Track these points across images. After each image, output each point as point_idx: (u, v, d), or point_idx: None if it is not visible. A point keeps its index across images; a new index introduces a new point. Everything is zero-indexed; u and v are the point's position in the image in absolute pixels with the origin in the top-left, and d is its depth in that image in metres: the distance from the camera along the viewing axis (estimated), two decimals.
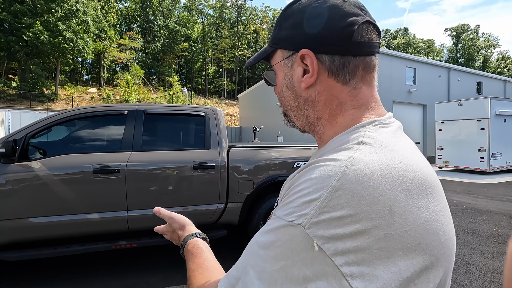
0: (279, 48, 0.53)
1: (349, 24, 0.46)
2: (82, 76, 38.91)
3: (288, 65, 0.51)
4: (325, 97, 0.49)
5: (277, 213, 0.41)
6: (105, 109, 3.08)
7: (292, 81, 0.51)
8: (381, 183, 0.36)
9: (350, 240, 0.34)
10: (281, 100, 0.56)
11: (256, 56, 0.60)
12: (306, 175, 0.40)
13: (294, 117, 0.54)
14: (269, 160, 3.33)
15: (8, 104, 21.63)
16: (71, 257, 3.35)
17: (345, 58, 0.46)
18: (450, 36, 58.89)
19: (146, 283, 2.76)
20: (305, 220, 0.36)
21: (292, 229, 0.37)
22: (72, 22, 24.31)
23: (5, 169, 2.58)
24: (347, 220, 0.35)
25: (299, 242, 0.36)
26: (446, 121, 12.34)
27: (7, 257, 2.59)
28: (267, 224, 0.42)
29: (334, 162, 0.39)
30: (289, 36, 0.50)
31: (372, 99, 0.49)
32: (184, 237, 0.69)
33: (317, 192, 0.37)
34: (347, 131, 0.46)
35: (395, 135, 0.45)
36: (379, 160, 0.39)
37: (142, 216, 2.88)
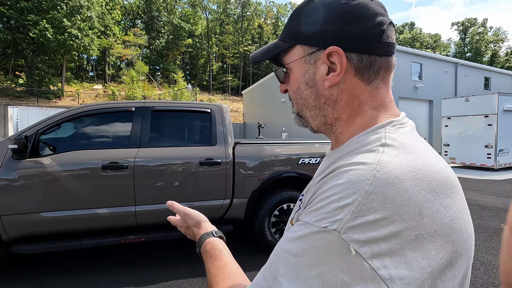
0: (299, 43, 0.50)
1: (379, 24, 0.46)
2: (88, 72, 39.19)
3: (311, 62, 0.49)
4: (347, 97, 0.48)
5: (306, 219, 0.40)
6: (113, 106, 3.13)
7: (315, 79, 0.49)
8: (410, 185, 0.37)
9: (385, 243, 0.34)
10: (296, 99, 0.53)
11: (265, 51, 0.55)
12: (334, 180, 0.40)
13: (311, 116, 0.52)
14: (274, 157, 3.35)
15: (16, 101, 21.91)
16: (82, 250, 3.43)
17: (372, 57, 0.46)
18: (457, 31, 57.88)
19: (154, 276, 2.83)
20: (340, 225, 0.36)
21: (326, 235, 0.36)
22: (77, 18, 24.42)
23: (17, 165, 2.65)
24: (381, 223, 0.35)
25: (335, 248, 0.35)
26: (452, 117, 12.20)
27: (20, 250, 2.67)
28: (293, 231, 0.41)
29: (362, 166, 0.39)
30: (314, 32, 0.47)
31: (389, 99, 0.49)
32: (201, 236, 0.67)
33: (350, 197, 0.36)
34: (366, 132, 0.46)
35: (412, 135, 0.46)
36: (406, 162, 0.39)
37: (149, 211, 2.94)
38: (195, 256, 3.28)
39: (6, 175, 2.61)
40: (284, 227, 3.37)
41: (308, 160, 3.43)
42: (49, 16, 23.26)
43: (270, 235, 3.31)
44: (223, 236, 0.69)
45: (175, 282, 2.72)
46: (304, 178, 3.40)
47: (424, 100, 16.60)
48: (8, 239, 2.65)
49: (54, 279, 2.77)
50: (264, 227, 3.28)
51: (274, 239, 3.31)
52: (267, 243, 3.30)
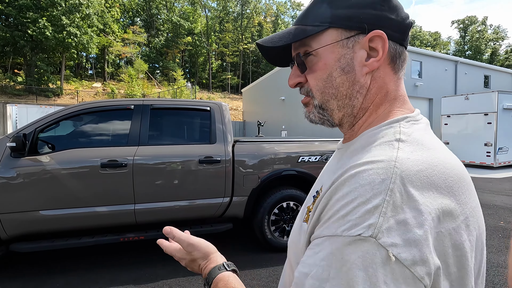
0: (334, 27, 0.46)
1: (407, 16, 0.47)
2: (87, 70, 39.08)
3: (348, 46, 0.46)
4: (378, 85, 0.47)
5: (328, 231, 0.36)
6: (112, 104, 3.11)
7: (353, 64, 0.46)
8: (428, 182, 0.36)
9: (424, 245, 0.33)
10: (324, 88, 0.48)
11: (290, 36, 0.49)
12: (354, 182, 0.37)
13: (337, 107, 0.49)
14: (274, 155, 3.35)
15: (15, 99, 21.85)
16: (81, 249, 3.42)
17: (401, 48, 0.47)
18: (457, 29, 57.80)
19: (154, 274, 2.83)
20: (375, 230, 0.33)
21: (362, 244, 0.33)
22: (76, 16, 24.32)
23: (16, 163, 2.64)
24: (413, 223, 0.33)
25: (374, 257, 0.32)
26: (452, 115, 12.20)
27: (19, 248, 2.66)
28: (316, 251, 0.37)
29: (380, 164, 0.37)
30: (355, 15, 0.45)
31: (404, 92, 0.50)
32: (210, 270, 0.57)
33: (377, 198, 0.34)
34: (380, 126, 0.45)
35: (426, 132, 0.45)
36: (422, 159, 0.38)
37: (149, 210, 2.94)
38: None
39: (5, 173, 2.60)
40: (283, 225, 3.37)
41: (307, 158, 3.42)
42: (48, 13, 23.15)
43: (270, 233, 3.31)
44: (236, 269, 0.59)
45: (175, 280, 2.72)
46: (304, 177, 3.40)
47: (424, 98, 16.58)
48: (7, 237, 2.65)
49: (54, 277, 2.77)
50: (263, 225, 3.28)
51: (273, 237, 3.31)
52: (267, 241, 3.29)
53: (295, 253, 0.48)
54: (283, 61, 0.57)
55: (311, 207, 0.49)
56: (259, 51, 0.56)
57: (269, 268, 2.96)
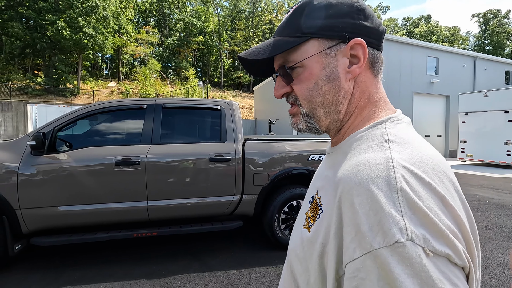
0: (316, 37, 0.48)
1: (380, 23, 0.50)
2: (102, 70, 40.04)
3: (331, 55, 0.48)
4: (361, 89, 0.50)
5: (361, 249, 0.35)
6: (126, 103, 3.20)
7: (337, 72, 0.48)
8: (424, 176, 0.38)
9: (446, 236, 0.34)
10: (311, 97, 0.50)
11: (271, 48, 0.49)
12: (360, 192, 0.37)
13: (324, 115, 0.50)
14: (284, 153, 3.35)
15: (35, 99, 22.66)
16: (97, 244, 3.54)
17: (378, 52, 0.50)
18: (477, 23, 55.64)
19: (166, 270, 2.89)
20: (407, 231, 0.33)
21: (403, 250, 0.33)
22: (92, 18, 24.95)
23: (36, 161, 2.76)
24: (429, 215, 0.35)
25: (420, 260, 0.32)
26: (470, 112, 11.80)
27: (39, 242, 2.79)
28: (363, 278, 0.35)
29: (379, 167, 0.38)
30: (334, 25, 0.48)
31: (384, 93, 0.52)
32: None
33: (391, 200, 0.35)
34: (366, 128, 0.47)
35: (409, 130, 0.47)
36: (412, 156, 0.40)
37: (161, 207, 3.00)
38: (205, 251, 3.34)
39: (25, 170, 2.72)
40: (293, 224, 3.37)
41: (318, 157, 3.41)
42: (65, 15, 23.84)
43: (280, 231, 3.32)
44: None
45: (186, 276, 2.78)
46: None
47: (440, 96, 16.10)
48: (28, 231, 2.78)
49: (71, 270, 2.88)
50: (273, 224, 3.29)
51: (283, 235, 3.32)
52: (277, 239, 3.31)
53: (301, 264, 0.47)
54: (265, 72, 0.58)
55: (309, 213, 0.50)
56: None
57: (279, 266, 2.97)
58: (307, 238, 0.46)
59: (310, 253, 0.45)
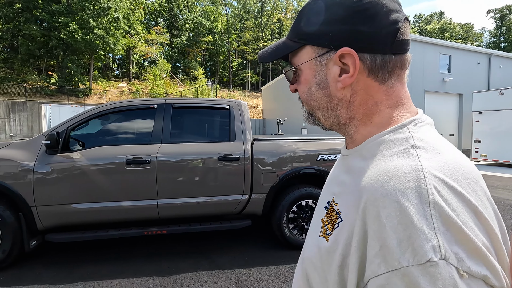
0: (309, 44, 0.48)
1: (393, 22, 0.44)
2: (113, 71, 40.72)
3: (322, 64, 0.47)
4: (360, 97, 0.46)
5: (387, 265, 0.33)
6: (136, 103, 3.25)
7: (326, 81, 0.47)
8: (457, 186, 0.36)
9: (481, 253, 0.33)
10: (307, 100, 0.52)
11: (273, 51, 0.53)
12: (388, 204, 0.35)
13: (323, 117, 0.51)
14: (293, 153, 3.34)
15: (49, 99, 23.25)
16: (108, 241, 3.61)
17: (386, 57, 0.45)
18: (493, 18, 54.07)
19: (175, 267, 2.93)
20: (440, 250, 0.31)
21: (436, 270, 0.31)
22: (104, 19, 25.41)
23: (50, 159, 2.84)
24: (465, 231, 0.32)
25: (453, 281, 0.30)
26: (484, 111, 11.50)
27: (54, 238, 2.87)
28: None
29: (408, 177, 0.36)
30: (325, 33, 0.45)
31: (405, 95, 0.48)
32: None
33: (422, 215, 0.33)
34: (387, 131, 0.44)
35: (434, 133, 0.45)
36: (443, 164, 0.37)
37: (171, 205, 3.05)
38: (214, 250, 3.36)
39: (41, 168, 2.80)
40: (302, 223, 3.37)
41: (327, 157, 3.39)
42: (78, 18, 24.36)
43: (288, 231, 3.31)
44: None
45: (195, 273, 2.81)
46: (323, 175, 3.37)
47: (454, 94, 15.74)
48: (43, 228, 2.86)
49: (83, 266, 2.95)
50: (282, 223, 3.29)
51: (292, 235, 3.32)
52: (285, 239, 3.31)
53: (318, 275, 0.46)
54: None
55: (325, 220, 0.48)
56: None
57: (288, 265, 2.97)
58: (325, 248, 0.44)
59: (328, 264, 0.43)
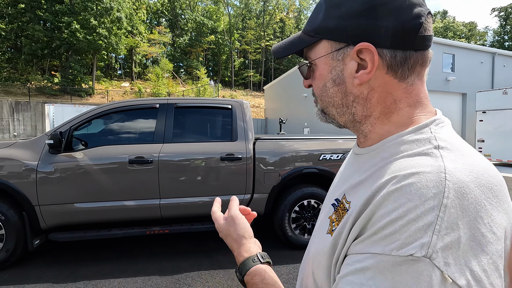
0: (325, 39, 0.46)
1: (416, 16, 0.42)
2: (116, 71, 40.87)
3: (338, 59, 0.45)
4: (378, 94, 0.44)
5: (374, 249, 0.34)
6: (139, 103, 3.26)
7: (343, 77, 0.46)
8: (479, 193, 0.34)
9: (476, 264, 0.31)
10: (321, 96, 0.50)
11: (288, 46, 0.52)
12: (399, 197, 0.35)
13: (337, 114, 0.49)
14: (295, 152, 3.34)
15: (52, 99, 23.40)
16: (111, 240, 3.63)
17: (407, 53, 0.42)
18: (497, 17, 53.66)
19: (177, 267, 2.94)
20: (428, 249, 0.31)
21: (414, 264, 0.31)
22: (106, 19, 25.52)
23: (53, 159, 2.85)
24: (465, 240, 0.32)
25: (430, 279, 0.30)
26: (488, 111, 11.42)
27: (57, 237, 2.89)
28: (358, 269, 0.35)
29: (428, 176, 0.35)
30: (343, 27, 0.44)
31: (424, 95, 0.46)
32: (244, 261, 0.54)
33: (429, 214, 0.32)
34: (408, 131, 0.42)
35: (454, 133, 0.43)
36: (468, 167, 0.36)
37: (173, 205, 3.05)
38: (216, 249, 3.37)
39: (44, 168, 2.82)
40: (304, 223, 3.36)
41: (329, 156, 3.38)
42: (80, 17, 24.47)
43: (290, 230, 3.31)
44: (270, 261, 0.56)
45: (197, 273, 2.81)
46: (325, 175, 3.36)
47: (457, 93, 15.66)
48: (46, 227, 2.87)
49: (86, 265, 2.97)
50: (284, 223, 3.29)
51: (294, 235, 3.32)
52: (287, 239, 3.30)
53: (322, 273, 0.45)
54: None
55: (333, 217, 0.47)
56: None
57: (289, 265, 2.97)
58: (329, 243, 0.44)
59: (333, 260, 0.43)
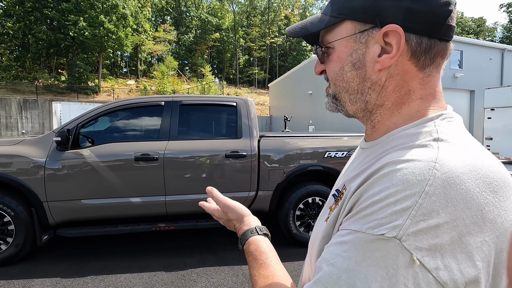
0: (350, 19, 0.44)
1: (446, 3, 0.40)
2: (121, 69, 41.15)
3: (361, 41, 0.44)
4: (395, 82, 0.43)
5: (354, 226, 0.36)
6: (144, 100, 3.28)
7: (364, 60, 0.44)
8: (472, 185, 0.34)
9: (449, 251, 0.31)
10: (336, 80, 0.48)
11: (307, 25, 0.49)
12: (386, 181, 0.36)
13: (349, 101, 0.48)
14: (300, 150, 3.33)
15: (59, 97, 23.68)
16: (117, 236, 3.68)
17: (432, 41, 0.41)
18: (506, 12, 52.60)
19: (183, 263, 2.97)
20: (399, 231, 0.32)
21: (384, 243, 0.32)
22: (113, 16, 25.67)
23: (61, 156, 2.89)
24: (444, 228, 0.32)
25: (396, 258, 0.32)
26: (497, 108, 11.23)
27: (65, 233, 2.94)
28: (340, 242, 0.37)
29: (418, 163, 0.35)
30: (371, 7, 0.42)
31: (439, 89, 0.45)
32: (244, 232, 0.61)
33: (408, 200, 0.33)
34: (412, 125, 0.42)
35: (462, 130, 0.42)
36: (465, 160, 0.35)
37: (178, 201, 3.08)
38: (221, 246, 3.39)
39: (52, 165, 2.86)
40: (309, 220, 3.36)
41: (334, 154, 3.36)
42: (87, 15, 24.64)
43: (295, 228, 3.32)
44: (268, 233, 0.62)
45: (202, 269, 2.84)
46: (330, 172, 3.35)
47: (465, 90, 15.43)
48: (54, 223, 2.93)
49: (94, 260, 3.01)
50: (288, 220, 3.29)
51: (298, 232, 3.32)
52: (292, 236, 3.31)
53: (315, 255, 0.47)
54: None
55: (333, 207, 0.48)
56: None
57: (294, 263, 2.98)
58: (324, 228, 0.46)
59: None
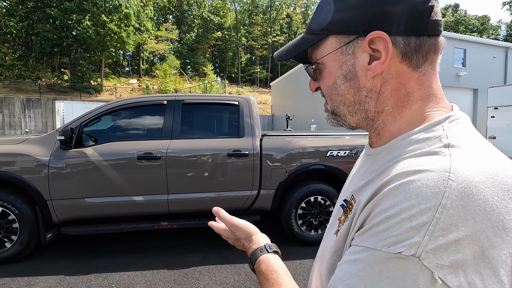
0: (333, 34, 0.44)
1: (425, 0, 0.40)
2: (124, 68, 41.26)
3: (348, 53, 0.44)
4: (391, 86, 0.43)
5: (368, 243, 0.34)
6: (147, 99, 3.30)
7: (354, 71, 0.44)
8: (490, 194, 0.32)
9: (472, 267, 0.30)
10: (331, 95, 0.48)
11: (292, 48, 0.50)
12: (398, 194, 0.34)
13: (349, 113, 0.47)
14: (302, 149, 3.34)
15: (62, 96, 23.79)
16: (121, 234, 3.70)
17: (421, 39, 0.41)
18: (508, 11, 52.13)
19: (185, 261, 2.99)
20: (418, 249, 0.30)
21: (402, 262, 0.31)
22: (115, 16, 25.74)
23: (64, 154, 2.92)
24: (465, 243, 0.30)
25: (416, 278, 0.30)
26: (500, 107, 11.16)
27: (68, 231, 2.96)
28: (353, 260, 0.35)
29: (431, 174, 0.33)
30: (351, 18, 0.42)
31: (437, 86, 0.43)
32: (253, 251, 0.59)
33: (425, 214, 0.31)
34: (419, 130, 0.40)
35: (472, 132, 0.40)
36: (480, 167, 0.34)
37: (181, 200, 3.09)
38: (223, 244, 3.40)
39: (56, 163, 2.88)
40: (311, 219, 3.37)
41: (336, 153, 3.36)
42: (89, 15, 24.72)
43: (297, 226, 3.32)
44: (278, 250, 0.60)
45: (205, 267, 2.85)
46: (332, 171, 3.35)
47: (468, 89, 15.33)
48: (58, 221, 2.95)
49: (97, 258, 3.04)
50: (291, 219, 3.30)
51: (300, 231, 3.33)
52: (294, 235, 3.32)
53: (329, 274, 0.45)
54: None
55: (342, 218, 0.46)
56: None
57: (296, 261, 2.99)
58: (334, 243, 0.44)
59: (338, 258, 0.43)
